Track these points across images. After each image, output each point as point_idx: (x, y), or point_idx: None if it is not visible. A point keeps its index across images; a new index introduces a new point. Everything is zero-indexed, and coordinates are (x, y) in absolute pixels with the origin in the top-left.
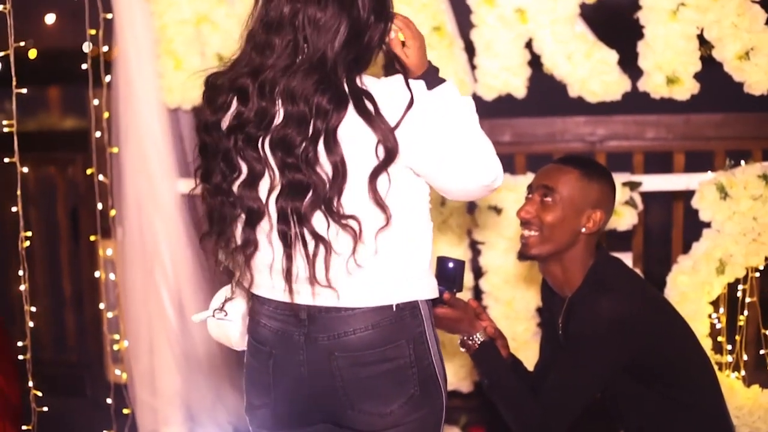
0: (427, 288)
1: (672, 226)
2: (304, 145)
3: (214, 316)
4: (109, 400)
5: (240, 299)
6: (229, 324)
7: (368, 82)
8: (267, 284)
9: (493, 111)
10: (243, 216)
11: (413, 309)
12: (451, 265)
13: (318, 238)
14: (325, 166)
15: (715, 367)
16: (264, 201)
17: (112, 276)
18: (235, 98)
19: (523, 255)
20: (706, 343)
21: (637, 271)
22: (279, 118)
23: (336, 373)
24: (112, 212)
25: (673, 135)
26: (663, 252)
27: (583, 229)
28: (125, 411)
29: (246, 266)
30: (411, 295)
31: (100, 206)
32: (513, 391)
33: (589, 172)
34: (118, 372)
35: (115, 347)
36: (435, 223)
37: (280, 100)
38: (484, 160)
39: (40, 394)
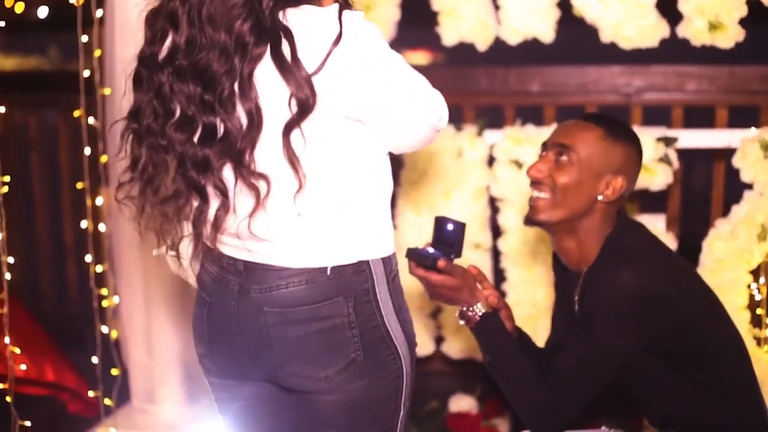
0: (375, 247)
1: (712, 188)
2: (222, 81)
3: (167, 253)
4: (95, 359)
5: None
6: (180, 262)
7: (297, 15)
8: (204, 234)
9: (519, 58)
10: (174, 162)
11: (357, 265)
12: (450, 227)
13: (223, 194)
14: (240, 112)
15: (753, 342)
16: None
17: (102, 227)
18: (168, 26)
19: (530, 220)
20: (744, 316)
21: (671, 236)
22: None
23: (263, 330)
24: (103, 158)
25: (716, 88)
26: (702, 216)
27: (600, 197)
28: (114, 372)
29: (177, 217)
30: (353, 255)
31: (88, 151)
32: (518, 370)
33: (615, 133)
34: (105, 330)
35: (104, 303)
36: (452, 177)
37: (208, 28)
38: (426, 94)
39: (18, 350)
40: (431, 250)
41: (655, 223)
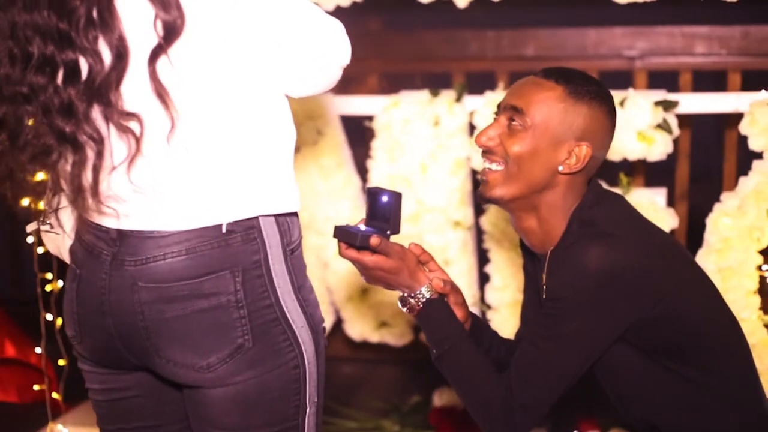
0: (271, 201)
1: (724, 160)
2: (76, 5)
3: (39, 225)
4: (38, 350)
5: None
6: (61, 237)
7: None
8: (71, 198)
9: (514, 20)
10: (39, 113)
11: (248, 230)
12: (384, 198)
13: (96, 142)
14: (102, 45)
15: (764, 331)
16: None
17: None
18: None
19: (482, 196)
20: (753, 301)
21: (681, 211)
22: None
23: (137, 309)
24: None
25: (728, 50)
26: (710, 190)
27: (561, 167)
28: (60, 362)
29: (51, 180)
30: (242, 211)
31: None
32: (467, 364)
33: (577, 91)
34: (50, 317)
35: (47, 288)
36: (429, 148)
37: None
38: (330, 26)
39: None
40: (363, 227)
41: (654, 198)
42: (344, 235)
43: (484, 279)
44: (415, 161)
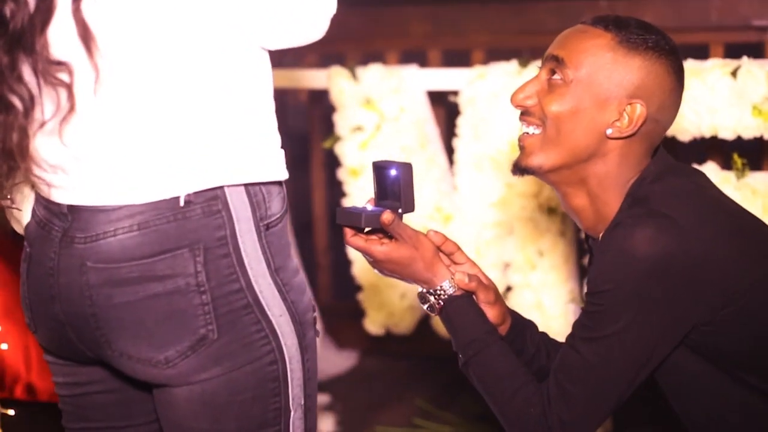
0: (239, 168)
1: None
2: None
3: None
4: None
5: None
6: (20, 213)
7: None
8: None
9: None
10: None
11: (210, 201)
12: (393, 172)
13: (22, 99)
14: None
15: None
16: None
17: None
18: None
19: (517, 166)
20: None
21: None
22: None
23: (86, 293)
24: None
25: None
26: None
27: (610, 131)
28: None
29: None
30: (201, 180)
31: None
32: (497, 372)
33: (630, 39)
34: None
35: None
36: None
37: None
38: None
39: None
40: (370, 207)
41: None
42: (347, 218)
43: (584, 273)
44: (504, 139)
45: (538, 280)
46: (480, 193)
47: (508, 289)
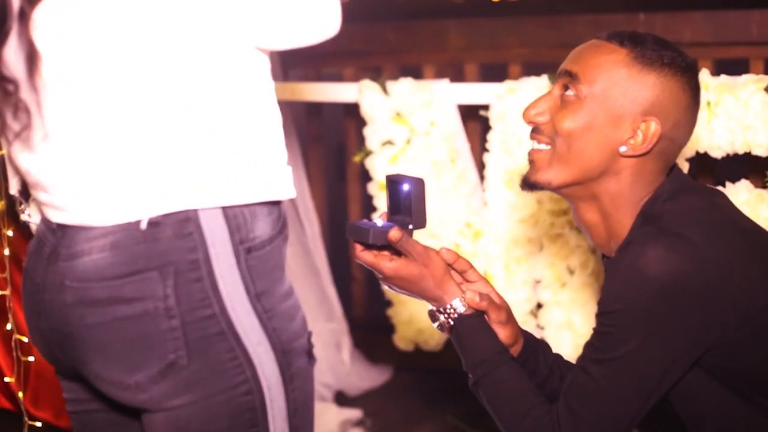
0: (213, 190)
1: None
2: None
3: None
4: None
5: None
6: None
7: None
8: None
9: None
10: None
11: (181, 223)
12: (405, 187)
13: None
14: None
15: None
16: None
17: None
18: None
19: (525, 181)
20: None
21: None
22: None
23: (63, 312)
24: None
25: None
26: None
27: (623, 148)
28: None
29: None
30: (168, 203)
31: None
32: (508, 394)
33: (645, 55)
34: None
35: None
36: None
37: None
38: None
39: None
40: (381, 222)
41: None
42: (357, 234)
43: None
44: None
45: (568, 297)
46: (510, 209)
47: (539, 306)
